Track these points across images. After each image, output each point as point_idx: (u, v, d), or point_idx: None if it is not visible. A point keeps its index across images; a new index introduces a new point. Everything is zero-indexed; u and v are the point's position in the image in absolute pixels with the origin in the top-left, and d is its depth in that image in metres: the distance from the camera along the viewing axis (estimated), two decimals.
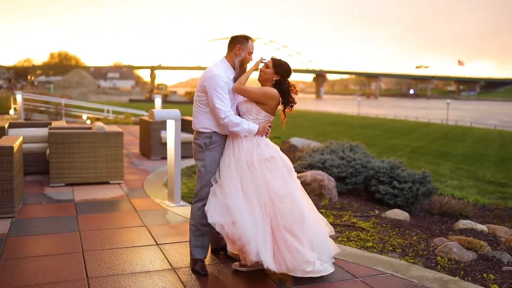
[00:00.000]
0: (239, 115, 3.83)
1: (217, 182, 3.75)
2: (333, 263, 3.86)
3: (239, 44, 3.77)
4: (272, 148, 3.79)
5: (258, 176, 3.63)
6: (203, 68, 3.86)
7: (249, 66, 3.87)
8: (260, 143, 3.74)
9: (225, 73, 3.72)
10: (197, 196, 3.87)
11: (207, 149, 3.79)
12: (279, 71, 3.78)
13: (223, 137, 3.86)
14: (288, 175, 3.76)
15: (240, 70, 3.80)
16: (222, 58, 3.84)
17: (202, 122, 3.80)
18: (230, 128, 3.68)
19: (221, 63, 3.80)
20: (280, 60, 3.83)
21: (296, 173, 3.95)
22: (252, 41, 3.84)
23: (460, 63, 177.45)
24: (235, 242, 3.60)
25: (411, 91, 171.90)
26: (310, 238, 3.65)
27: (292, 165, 3.87)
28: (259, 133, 3.75)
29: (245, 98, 3.83)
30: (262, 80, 3.84)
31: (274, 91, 3.76)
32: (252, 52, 3.83)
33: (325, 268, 3.70)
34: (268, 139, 3.86)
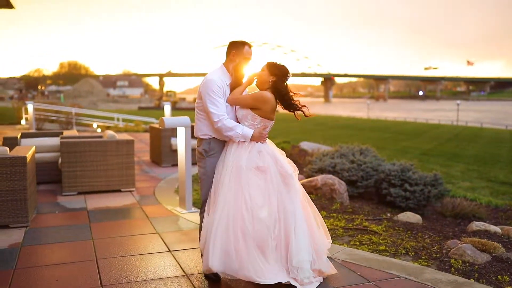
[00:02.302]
0: (238, 122, 3.80)
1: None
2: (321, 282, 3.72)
3: (234, 50, 3.77)
4: (263, 157, 3.66)
5: (243, 180, 3.54)
6: None
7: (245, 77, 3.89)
8: (252, 150, 3.66)
9: (220, 78, 3.72)
10: (202, 204, 3.89)
11: (207, 156, 3.80)
12: (274, 72, 3.72)
13: (222, 143, 3.85)
14: (281, 184, 3.62)
15: (235, 76, 3.80)
16: (221, 65, 3.85)
17: (202, 129, 3.82)
18: (224, 132, 3.67)
19: (218, 69, 3.82)
20: (276, 62, 3.79)
21: (295, 182, 3.75)
22: (249, 47, 3.81)
23: (469, 63, 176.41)
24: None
25: (420, 93, 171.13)
26: (281, 257, 3.50)
27: (292, 173, 3.71)
28: (255, 138, 3.68)
29: None
30: (259, 84, 3.79)
31: (266, 94, 3.69)
32: (248, 58, 3.79)
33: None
34: (264, 146, 3.74)
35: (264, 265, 3.44)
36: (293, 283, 3.50)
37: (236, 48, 3.76)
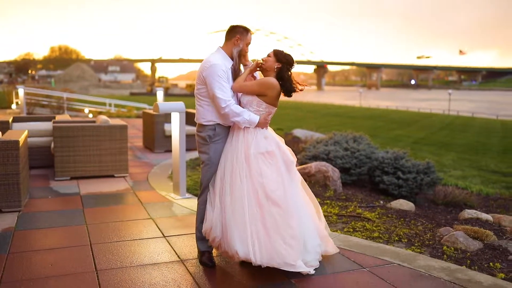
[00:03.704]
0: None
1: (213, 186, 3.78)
2: (320, 261, 3.80)
3: (238, 35, 3.74)
4: (270, 142, 3.70)
5: (251, 167, 3.58)
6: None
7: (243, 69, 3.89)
8: (258, 136, 3.68)
9: (223, 62, 3.69)
10: (202, 190, 3.88)
11: (212, 142, 3.77)
12: (280, 59, 3.74)
13: (227, 129, 3.83)
14: (285, 170, 3.68)
15: (238, 61, 3.79)
16: (218, 48, 3.81)
17: (205, 115, 3.78)
18: (230, 118, 3.65)
19: (217, 53, 3.77)
20: (282, 50, 3.81)
21: (296, 168, 3.86)
22: (251, 34, 3.81)
23: (461, 52, 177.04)
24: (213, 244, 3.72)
25: (413, 82, 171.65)
26: (297, 236, 3.55)
27: (293, 159, 3.79)
28: (260, 125, 3.69)
29: None
30: (264, 70, 3.81)
31: (272, 80, 3.70)
32: (249, 44, 3.81)
33: (303, 268, 3.54)
34: (269, 132, 3.79)
35: (287, 251, 3.47)
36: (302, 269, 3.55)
37: (241, 33, 3.74)
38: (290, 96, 3.85)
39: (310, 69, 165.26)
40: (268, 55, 3.78)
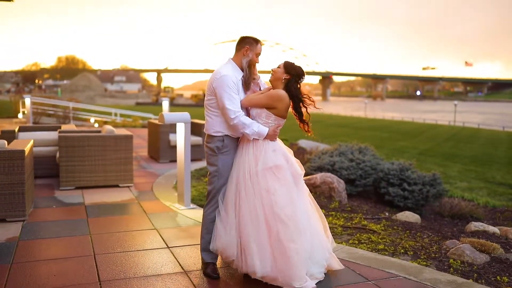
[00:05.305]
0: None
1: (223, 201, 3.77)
2: (325, 274, 3.77)
3: (248, 45, 3.76)
4: (279, 155, 3.68)
5: (260, 184, 3.56)
6: (210, 71, 3.88)
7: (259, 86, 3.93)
8: (267, 149, 3.66)
9: (233, 74, 3.70)
10: (209, 201, 3.86)
11: (220, 153, 3.76)
12: (289, 71, 3.74)
13: (236, 141, 3.83)
14: (293, 184, 3.66)
15: (248, 71, 3.79)
16: (228, 59, 3.82)
17: (214, 126, 3.78)
18: (239, 129, 3.64)
19: (228, 64, 3.78)
20: (293, 63, 3.82)
21: (303, 180, 3.85)
22: (261, 44, 3.83)
23: (467, 64, 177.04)
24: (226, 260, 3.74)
25: (418, 93, 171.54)
26: (305, 251, 3.53)
27: (302, 172, 3.78)
28: (269, 137, 3.68)
29: None
30: (272, 80, 3.81)
31: (281, 92, 3.70)
32: (259, 54, 3.83)
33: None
34: (277, 144, 3.77)
35: (292, 269, 3.44)
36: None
37: (250, 44, 3.76)
38: (301, 118, 3.83)
39: (316, 79, 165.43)
40: (278, 66, 3.80)
